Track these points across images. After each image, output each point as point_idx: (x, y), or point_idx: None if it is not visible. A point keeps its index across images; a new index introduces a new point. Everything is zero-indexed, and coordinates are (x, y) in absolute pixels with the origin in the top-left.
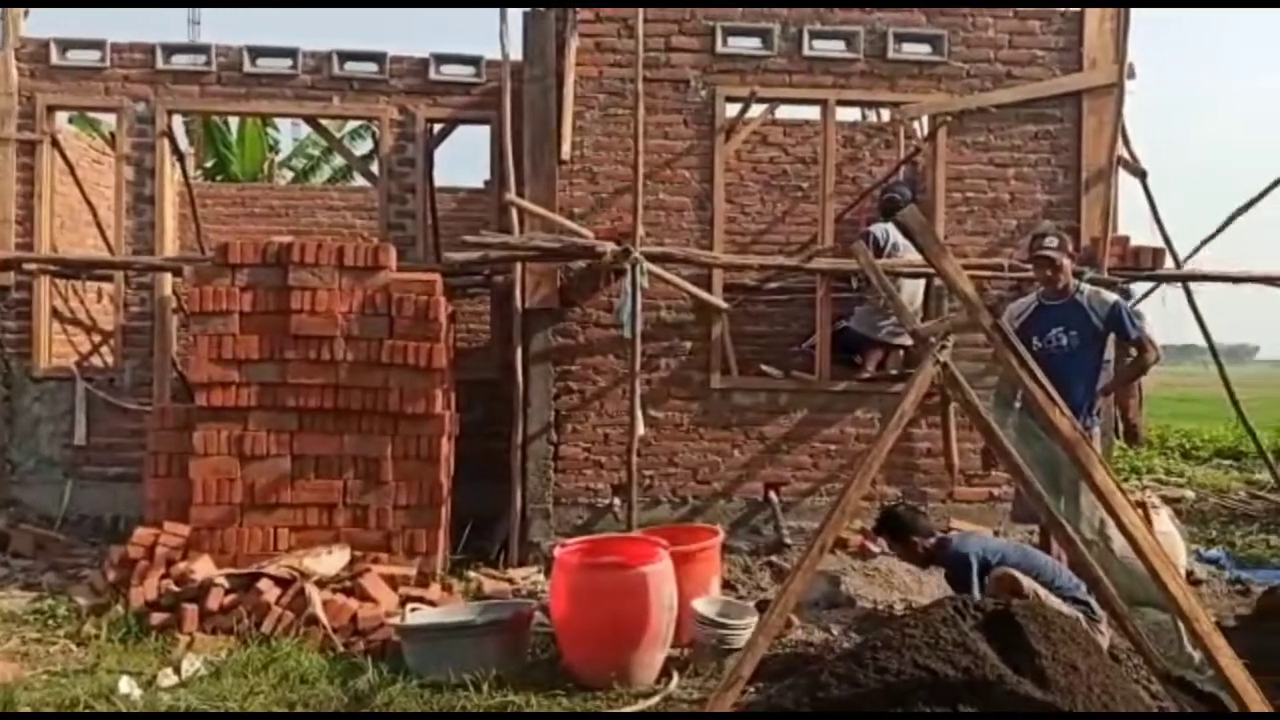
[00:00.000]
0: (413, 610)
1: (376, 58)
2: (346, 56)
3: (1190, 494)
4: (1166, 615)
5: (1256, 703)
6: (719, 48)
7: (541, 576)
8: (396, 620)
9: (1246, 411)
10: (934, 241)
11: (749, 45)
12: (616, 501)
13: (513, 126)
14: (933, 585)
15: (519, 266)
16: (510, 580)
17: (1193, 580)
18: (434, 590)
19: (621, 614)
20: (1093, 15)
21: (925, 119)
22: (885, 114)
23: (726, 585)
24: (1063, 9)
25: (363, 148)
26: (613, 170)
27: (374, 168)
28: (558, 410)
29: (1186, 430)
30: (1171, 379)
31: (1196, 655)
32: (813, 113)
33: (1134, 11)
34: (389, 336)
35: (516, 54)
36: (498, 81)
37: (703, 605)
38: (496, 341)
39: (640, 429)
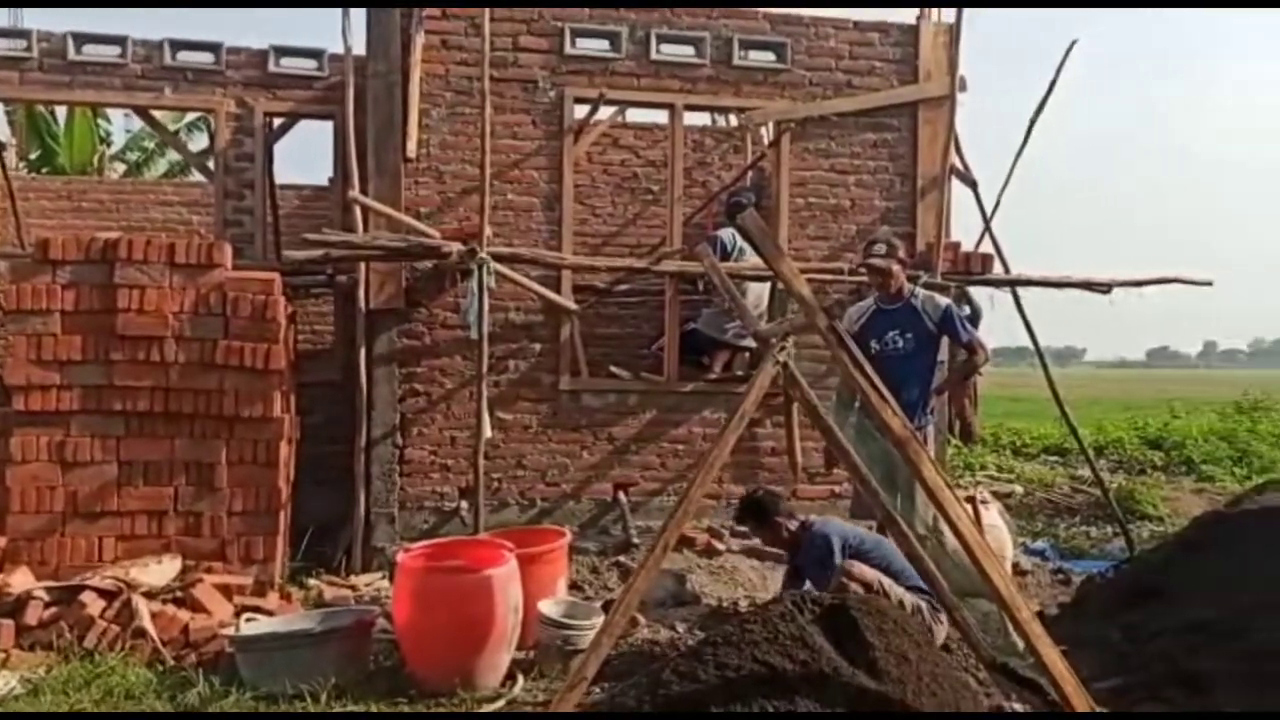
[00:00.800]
0: (248, 620)
1: (212, 48)
2: (179, 46)
3: (1019, 489)
4: (995, 606)
5: (1071, 686)
6: (567, 49)
7: (385, 583)
8: (230, 631)
9: (1070, 410)
10: (772, 245)
11: (597, 47)
12: (464, 505)
13: (357, 123)
14: (776, 581)
15: (363, 266)
16: (353, 587)
17: (1019, 571)
18: (272, 599)
19: (466, 618)
20: (927, 30)
21: (770, 125)
22: (734, 119)
23: (574, 586)
24: (899, 23)
25: (200, 141)
26: (460, 169)
27: (211, 163)
28: (403, 413)
29: (1018, 429)
30: (1006, 380)
31: (1020, 643)
32: (663, 116)
33: (967, 26)
34: (224, 337)
35: (361, 49)
36: (341, 76)
37: (548, 607)
38: (340, 343)
39: (487, 431)
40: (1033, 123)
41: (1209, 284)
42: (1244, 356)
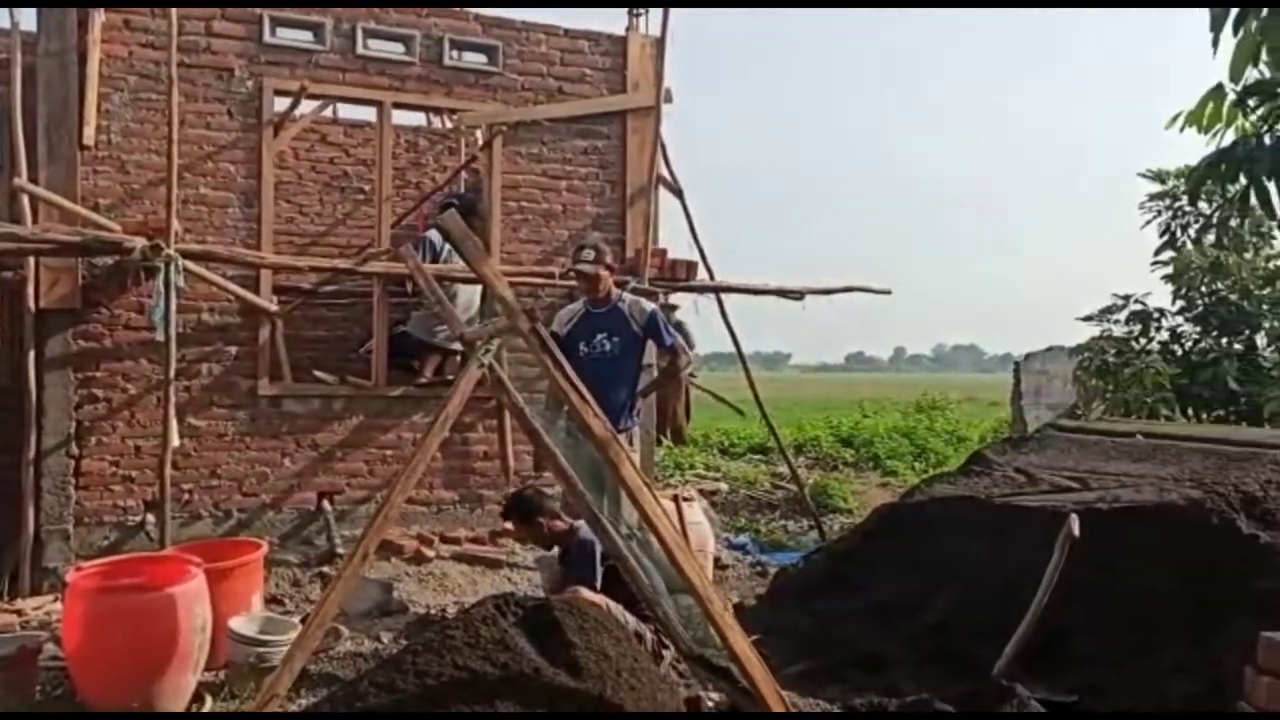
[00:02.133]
0: None
1: None
2: None
3: (725, 487)
4: None
5: (758, 671)
6: (267, 38)
7: (58, 605)
8: None
9: (773, 412)
10: (472, 246)
11: (300, 38)
12: (150, 519)
13: (25, 105)
14: (488, 585)
15: (32, 262)
16: (19, 612)
17: (720, 565)
18: None
19: (144, 640)
20: (635, 41)
21: (483, 128)
22: (450, 120)
23: (274, 600)
24: (609, 33)
25: None
26: (146, 160)
27: None
28: (80, 421)
29: (726, 429)
30: (719, 383)
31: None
32: (374, 114)
33: (673, 40)
34: None
35: (31, 24)
36: (6, 54)
37: (240, 623)
38: (5, 345)
39: (174, 439)
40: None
41: (888, 293)
42: (928, 361)
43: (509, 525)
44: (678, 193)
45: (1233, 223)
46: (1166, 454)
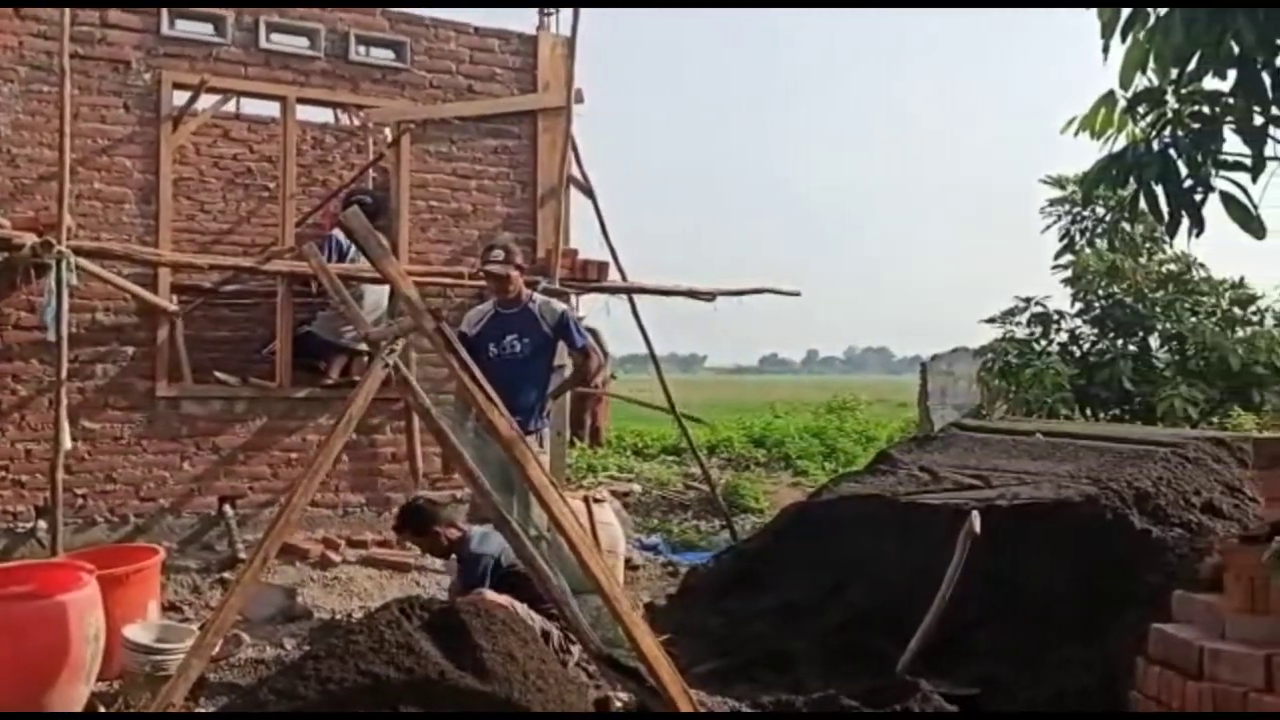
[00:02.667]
0: None
1: None
2: None
3: (638, 488)
4: None
5: (666, 671)
6: (165, 29)
7: None
8: None
9: (686, 413)
10: (376, 244)
11: (200, 31)
12: (41, 525)
13: None
14: (394, 590)
15: None
16: None
17: (631, 566)
18: None
19: (34, 649)
20: (545, 41)
21: (391, 125)
22: (357, 117)
23: (172, 608)
24: (520, 32)
25: None
26: (37, 154)
27: None
28: None
29: (640, 431)
30: (636, 385)
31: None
32: (278, 109)
33: (585, 41)
34: None
35: None
36: None
37: (135, 631)
38: None
39: (66, 443)
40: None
41: (797, 294)
42: (840, 363)
43: (403, 538)
44: (589, 193)
45: (1125, 227)
46: (1064, 452)
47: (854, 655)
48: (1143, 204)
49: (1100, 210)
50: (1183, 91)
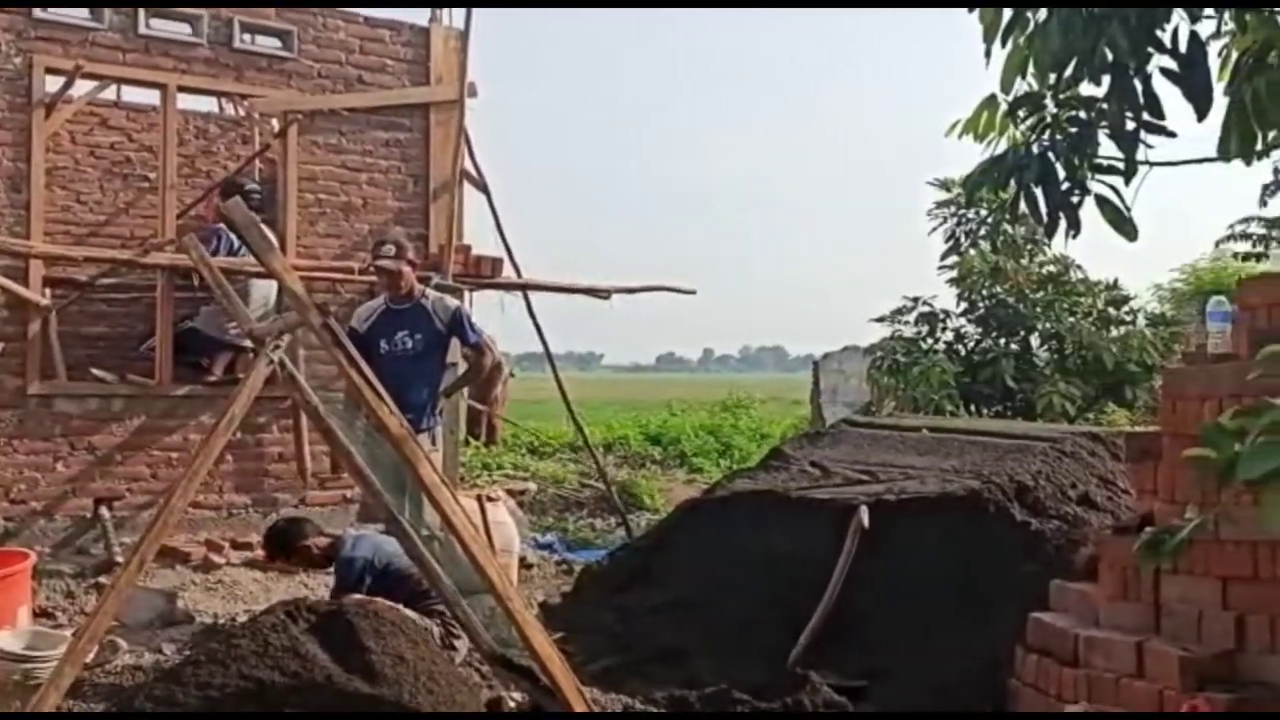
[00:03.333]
0: None
1: None
2: None
3: (533, 486)
4: None
5: (560, 670)
6: (38, 12)
7: None
8: None
9: (582, 411)
10: (260, 237)
11: (75, 15)
12: None
13: None
14: (281, 592)
15: None
16: None
17: (526, 565)
18: None
19: None
20: (438, 33)
21: (277, 115)
22: (242, 107)
23: (44, 614)
24: (411, 23)
25: None
26: None
27: None
28: None
29: (536, 429)
30: (533, 383)
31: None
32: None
33: (480, 33)
34: None
35: None
36: None
37: (4, 639)
38: None
39: None
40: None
41: (693, 292)
42: (736, 361)
43: (277, 562)
44: (483, 189)
45: (1007, 229)
46: (949, 447)
47: (747, 649)
48: (1023, 206)
49: (983, 212)
50: (1060, 96)
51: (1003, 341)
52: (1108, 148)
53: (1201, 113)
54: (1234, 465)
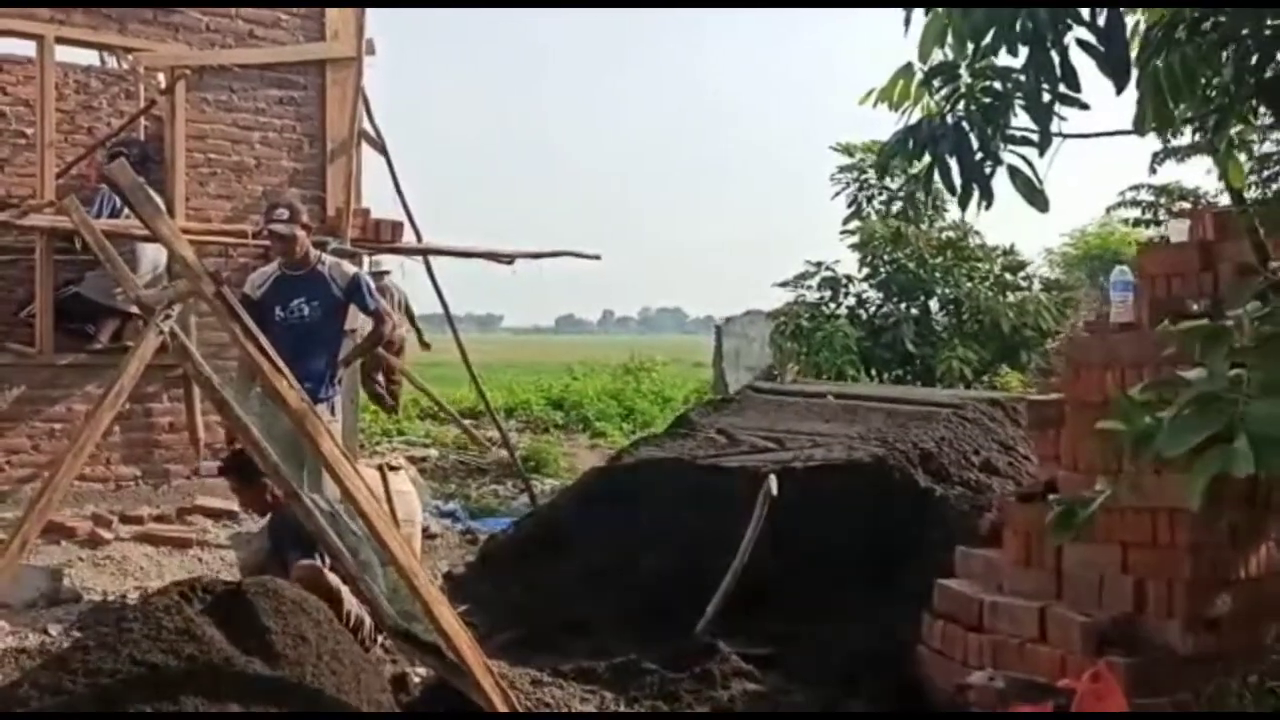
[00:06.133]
0: None
1: None
2: None
3: (435, 452)
4: None
5: (466, 645)
6: None
7: None
8: None
9: (484, 375)
10: (145, 199)
11: None
12: None
13: None
14: (174, 568)
15: None
16: None
17: (429, 535)
18: None
19: None
20: None
21: (164, 70)
22: (126, 61)
23: None
24: None
25: None
26: None
27: None
28: None
29: (438, 394)
30: (434, 347)
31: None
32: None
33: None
34: None
35: None
36: None
37: None
38: None
39: None
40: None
41: (597, 258)
42: (635, 323)
43: (230, 483)
44: (382, 150)
45: (919, 196)
46: (854, 414)
47: (655, 619)
48: (936, 177)
49: (889, 181)
50: (975, 66)
51: (903, 306)
52: (1021, 120)
53: (1119, 87)
54: (1147, 437)
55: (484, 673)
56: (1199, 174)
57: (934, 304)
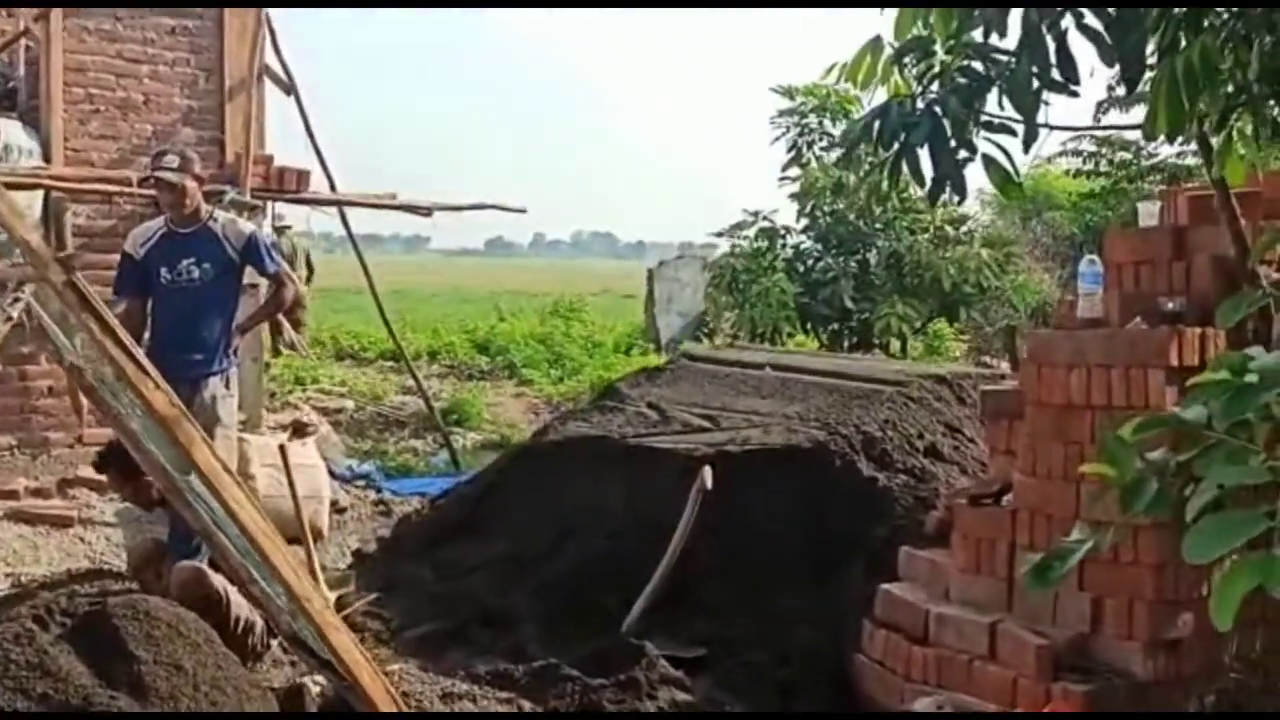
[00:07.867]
0: None
1: None
2: None
3: (350, 404)
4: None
5: (367, 675)
6: None
7: None
8: None
9: (407, 305)
10: None
11: None
12: None
13: None
14: (53, 550)
15: None
16: None
17: (338, 509)
18: None
19: None
20: None
21: None
22: None
23: None
24: None
25: None
26: None
27: None
28: None
29: (355, 332)
30: (353, 268)
31: None
32: None
33: None
34: None
35: None
36: None
37: None
38: None
39: None
40: None
41: (523, 211)
42: (566, 246)
43: (109, 481)
44: (290, 89)
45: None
46: (793, 390)
47: (579, 613)
48: (904, 168)
49: (828, 124)
50: (953, 43)
51: (842, 260)
52: (1001, 104)
53: (1131, 84)
54: (1137, 489)
55: (386, 701)
56: (1137, 119)
57: (873, 257)
